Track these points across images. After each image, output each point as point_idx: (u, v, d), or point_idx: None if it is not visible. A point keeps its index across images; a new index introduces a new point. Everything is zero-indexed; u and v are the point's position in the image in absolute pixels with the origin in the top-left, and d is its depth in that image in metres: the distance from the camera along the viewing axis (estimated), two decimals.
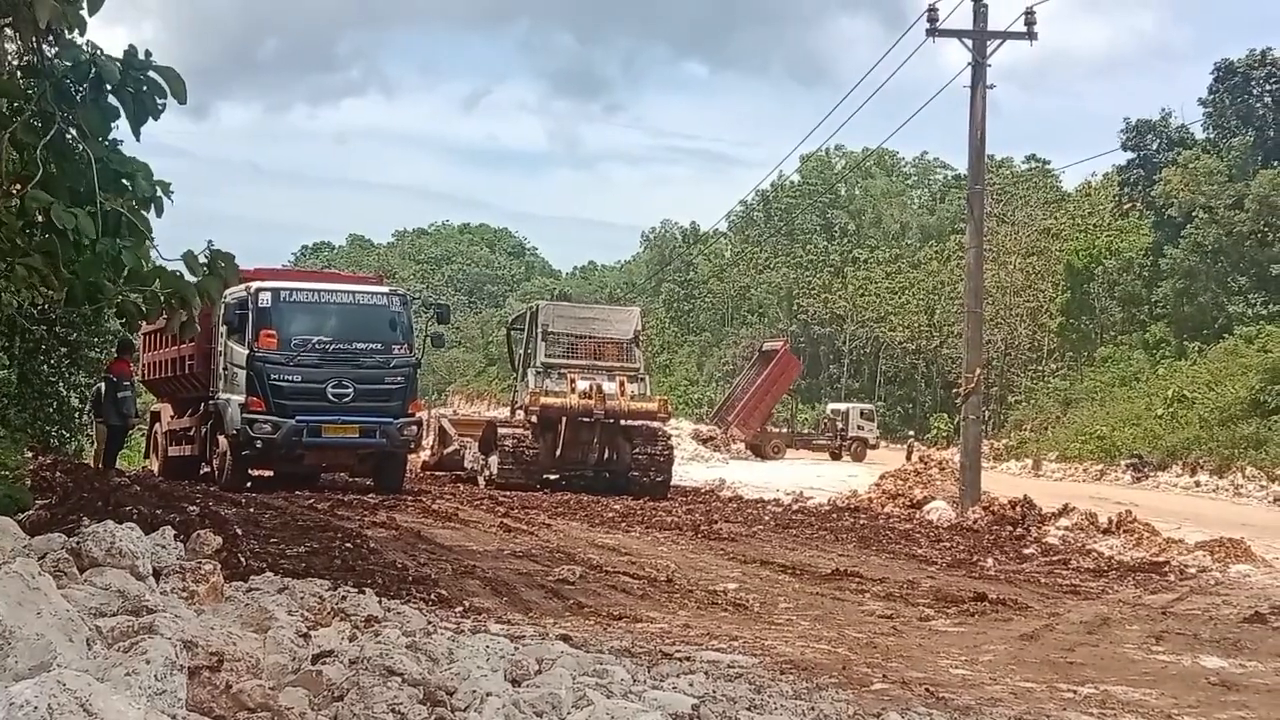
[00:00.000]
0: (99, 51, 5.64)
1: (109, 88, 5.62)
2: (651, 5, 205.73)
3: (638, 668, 6.57)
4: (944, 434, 63.39)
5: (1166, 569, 14.35)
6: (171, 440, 22.64)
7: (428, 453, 26.72)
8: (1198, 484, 36.99)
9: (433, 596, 9.38)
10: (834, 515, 19.94)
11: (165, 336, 21.21)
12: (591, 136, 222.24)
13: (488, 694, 4.65)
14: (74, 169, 5.69)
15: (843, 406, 57.33)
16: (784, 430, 54.51)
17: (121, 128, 5.90)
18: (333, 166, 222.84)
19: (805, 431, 56.05)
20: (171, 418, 22.83)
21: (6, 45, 6.30)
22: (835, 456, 51.64)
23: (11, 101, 6.28)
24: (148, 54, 5.72)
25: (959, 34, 21.67)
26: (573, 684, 5.11)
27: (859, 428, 53.95)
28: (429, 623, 7.29)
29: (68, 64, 5.59)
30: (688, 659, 7.38)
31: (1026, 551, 15.77)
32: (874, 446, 53.53)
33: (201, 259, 6.18)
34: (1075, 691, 7.35)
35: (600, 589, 10.65)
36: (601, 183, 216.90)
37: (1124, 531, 17.60)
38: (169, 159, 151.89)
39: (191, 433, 21.40)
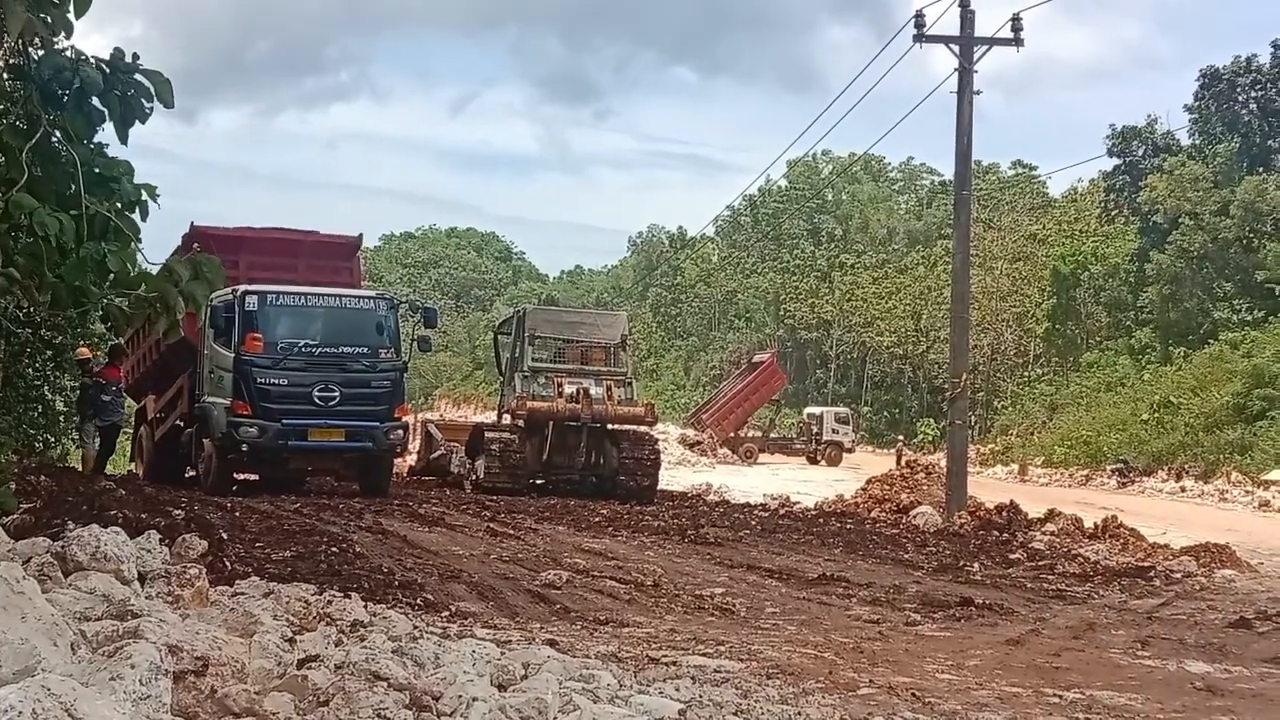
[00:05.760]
0: (83, 57, 5.61)
1: (94, 95, 5.60)
2: (641, 11, 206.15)
3: (624, 673, 6.57)
4: (930, 439, 63.59)
5: (1152, 574, 14.37)
6: (158, 424, 22.54)
7: (414, 457, 26.68)
8: (1183, 489, 37.12)
9: (419, 601, 9.36)
10: (820, 520, 19.94)
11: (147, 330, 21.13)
12: (580, 141, 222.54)
13: (474, 699, 4.65)
14: (60, 172, 5.67)
15: (818, 410, 57.48)
16: (757, 434, 54.66)
17: (108, 130, 5.88)
18: (321, 170, 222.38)
19: (779, 436, 56.18)
20: (155, 403, 22.71)
21: None
22: (812, 461, 51.83)
23: None
24: (135, 57, 5.70)
25: (946, 40, 21.72)
26: (559, 689, 5.11)
27: (834, 431, 54.08)
28: (415, 627, 7.28)
29: (50, 72, 5.56)
30: (674, 664, 7.37)
31: (1012, 556, 15.79)
32: (850, 450, 53.72)
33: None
34: (1061, 696, 7.36)
35: (587, 594, 10.63)
36: (589, 187, 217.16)
37: (1110, 536, 17.65)
38: (158, 162, 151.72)
39: (178, 403, 21.28)
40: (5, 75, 6.11)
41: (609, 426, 22.47)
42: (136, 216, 5.88)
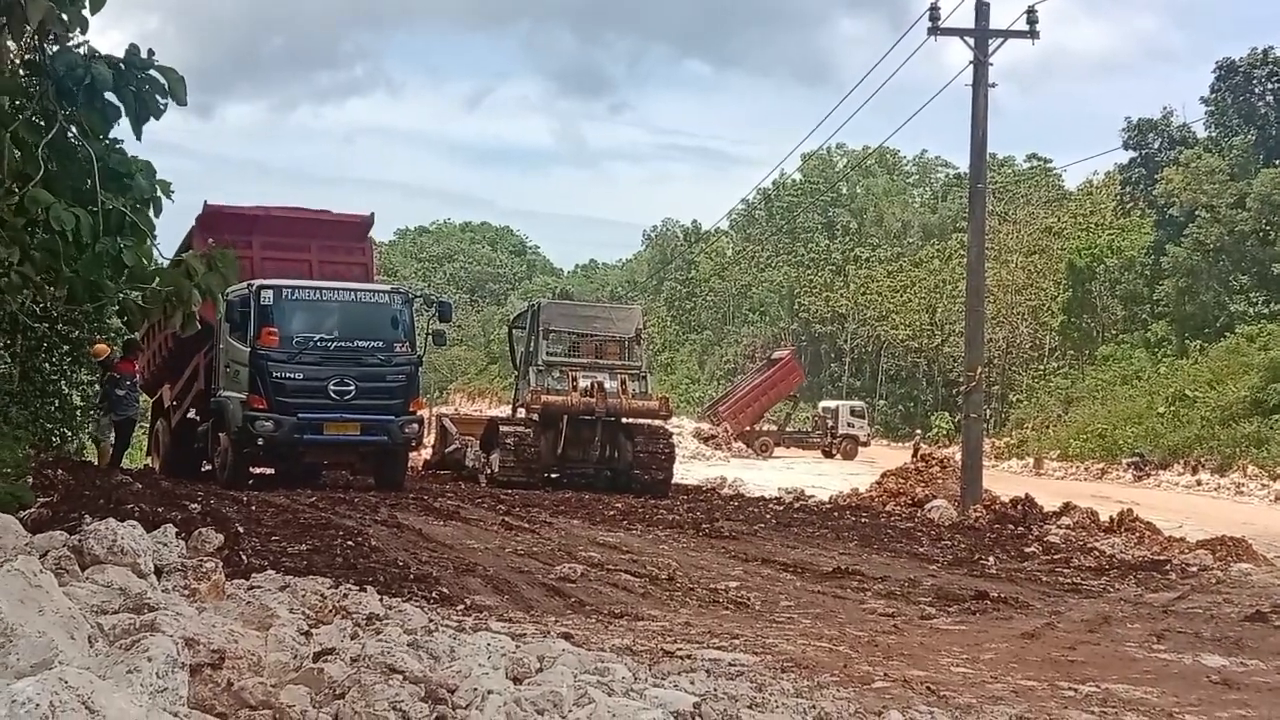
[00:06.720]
0: (96, 54, 5.63)
1: (106, 91, 5.62)
2: (654, 5, 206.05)
3: (639, 666, 6.57)
4: (945, 432, 63.48)
5: (1168, 567, 14.34)
6: (174, 412, 22.57)
7: (429, 451, 26.72)
8: (1199, 483, 37.01)
9: (434, 594, 9.38)
10: (835, 513, 19.93)
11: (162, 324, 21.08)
12: (594, 135, 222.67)
13: (489, 692, 4.66)
14: (76, 167, 5.69)
15: (833, 404, 57.55)
16: (772, 429, 54.71)
17: (123, 126, 5.90)
18: (335, 165, 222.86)
19: (795, 430, 56.23)
20: (170, 391, 22.75)
21: (8, 44, 6.30)
22: (827, 454, 51.88)
23: (13, 99, 6.28)
24: (150, 53, 5.71)
25: (961, 32, 21.66)
26: (574, 682, 5.11)
27: (849, 425, 54.14)
28: (430, 621, 7.29)
29: (63, 68, 5.59)
30: (689, 657, 7.38)
31: (1028, 550, 15.76)
32: (865, 444, 53.75)
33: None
34: (1076, 690, 7.35)
35: (601, 587, 10.64)
36: (604, 181, 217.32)
37: (1125, 530, 17.61)
38: (174, 158, 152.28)
39: (193, 385, 21.30)
40: (22, 71, 6.14)
41: (623, 420, 22.48)
42: (151, 213, 5.91)
